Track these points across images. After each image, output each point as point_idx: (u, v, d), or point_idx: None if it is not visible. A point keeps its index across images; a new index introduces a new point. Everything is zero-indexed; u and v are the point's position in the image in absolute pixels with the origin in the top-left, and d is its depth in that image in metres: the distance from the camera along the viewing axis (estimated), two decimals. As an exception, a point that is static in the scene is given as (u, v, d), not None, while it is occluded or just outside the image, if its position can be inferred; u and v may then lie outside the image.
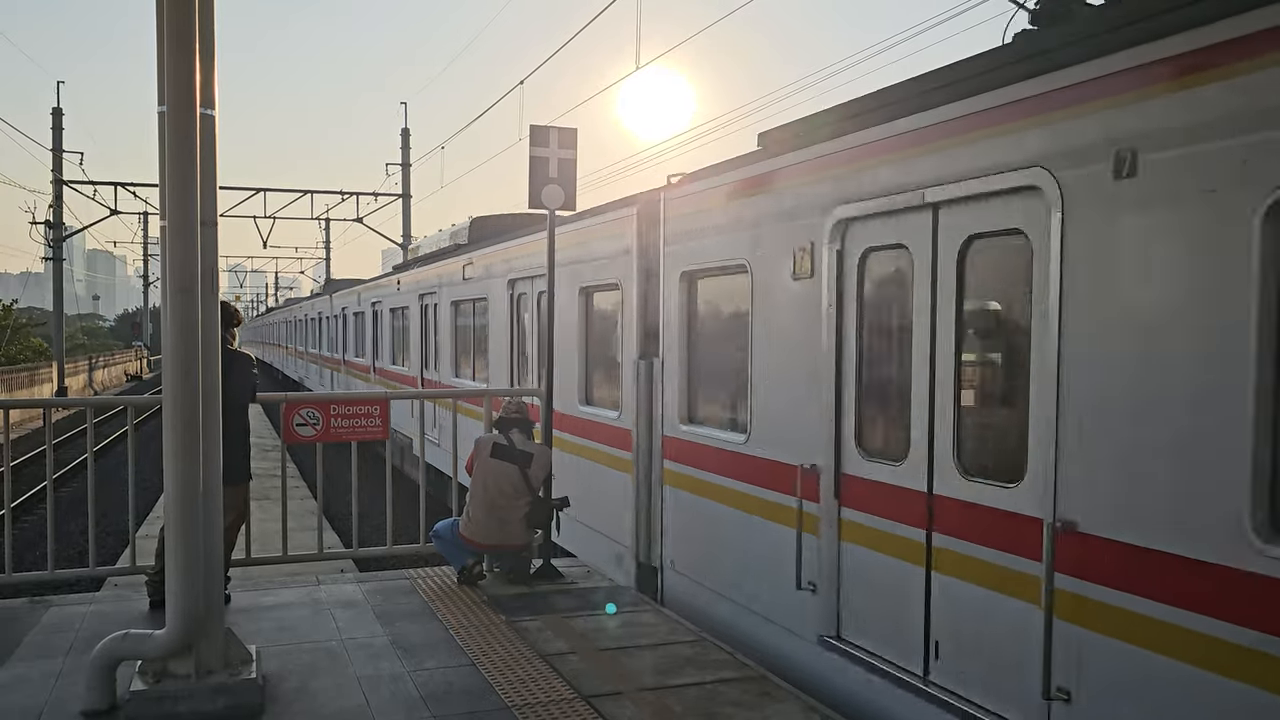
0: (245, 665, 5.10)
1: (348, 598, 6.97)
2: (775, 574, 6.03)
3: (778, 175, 6.12)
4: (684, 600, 7.23)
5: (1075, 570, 4.03)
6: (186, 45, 4.63)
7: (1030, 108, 4.25)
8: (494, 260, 11.92)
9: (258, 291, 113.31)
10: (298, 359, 37.59)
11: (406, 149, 39.41)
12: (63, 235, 37.23)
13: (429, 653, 5.84)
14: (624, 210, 8.25)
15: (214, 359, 4.91)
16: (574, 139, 7.76)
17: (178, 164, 4.67)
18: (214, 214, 4.89)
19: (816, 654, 5.66)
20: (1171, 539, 3.64)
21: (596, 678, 5.46)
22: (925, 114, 4.89)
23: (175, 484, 4.76)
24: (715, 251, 6.87)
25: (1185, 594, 3.59)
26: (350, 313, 23.75)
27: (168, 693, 4.82)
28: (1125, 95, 3.82)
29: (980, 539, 4.60)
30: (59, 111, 37.96)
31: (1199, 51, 3.56)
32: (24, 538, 14.32)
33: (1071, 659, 4.05)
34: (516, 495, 7.31)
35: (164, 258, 4.76)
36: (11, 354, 42.42)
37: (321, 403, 7.68)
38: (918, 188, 4.90)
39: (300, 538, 9.09)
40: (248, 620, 6.24)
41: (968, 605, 4.68)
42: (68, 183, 35.94)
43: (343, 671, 5.52)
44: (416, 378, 16.24)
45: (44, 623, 6.30)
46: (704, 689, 5.32)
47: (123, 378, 59.22)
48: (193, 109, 4.67)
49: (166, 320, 4.74)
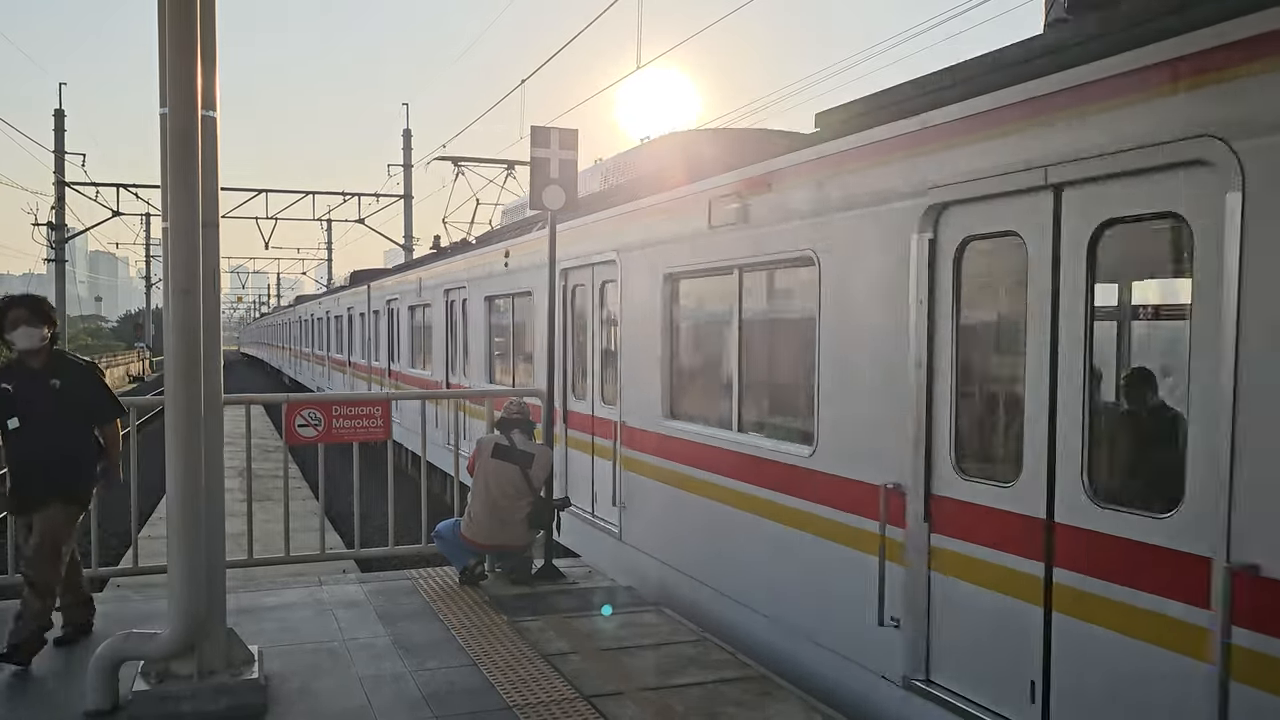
0: (247, 665, 5.11)
1: (350, 598, 6.98)
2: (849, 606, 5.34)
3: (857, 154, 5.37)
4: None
5: (1257, 624, 3.32)
6: (188, 47, 4.64)
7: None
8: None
9: (260, 292, 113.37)
10: (315, 365, 33.40)
11: (408, 149, 39.47)
12: (65, 237, 37.32)
13: (431, 653, 5.84)
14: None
15: (216, 360, 4.93)
16: (575, 140, 7.76)
17: (179, 166, 4.68)
18: (216, 215, 4.90)
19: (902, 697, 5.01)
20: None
21: (598, 678, 5.46)
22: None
23: (177, 485, 4.77)
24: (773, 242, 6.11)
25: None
26: (403, 307, 17.64)
27: (170, 693, 4.83)
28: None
29: (1121, 578, 3.87)
30: (61, 113, 38.06)
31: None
32: (27, 539, 14.31)
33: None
34: (518, 496, 7.32)
35: (166, 259, 4.77)
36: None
37: (323, 403, 7.69)
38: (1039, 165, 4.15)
39: (302, 538, 9.09)
40: (250, 621, 6.25)
41: (1101, 653, 3.97)
42: (70, 184, 36.02)
43: (345, 672, 5.53)
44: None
45: (47, 623, 6.31)
46: (705, 689, 5.33)
47: (125, 379, 59.27)
48: (194, 111, 4.67)
49: (168, 321, 4.75)
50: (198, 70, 4.68)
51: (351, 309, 24.45)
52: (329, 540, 8.75)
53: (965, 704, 4.60)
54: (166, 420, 4.76)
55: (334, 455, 7.98)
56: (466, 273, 13.50)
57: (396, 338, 18.54)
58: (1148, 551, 3.75)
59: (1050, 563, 4.20)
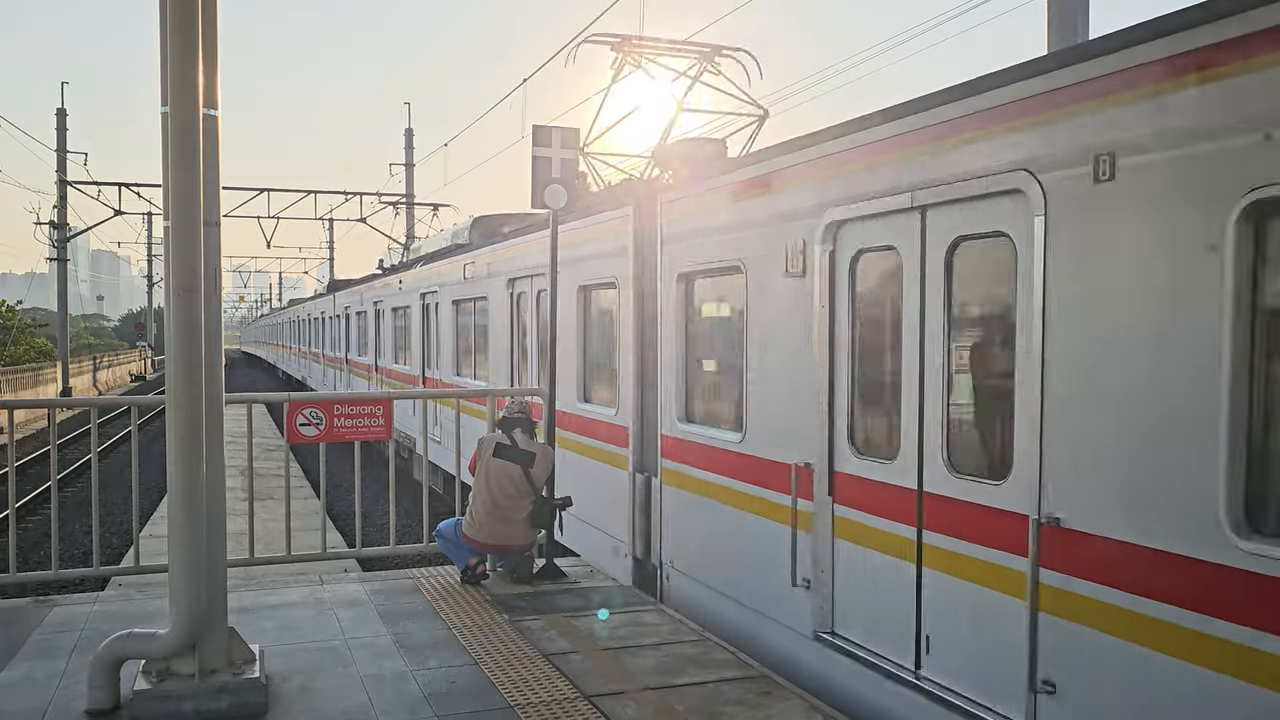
0: (249, 665, 5.11)
1: (351, 597, 6.98)
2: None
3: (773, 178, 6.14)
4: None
5: (1061, 565, 4.09)
6: (190, 46, 4.64)
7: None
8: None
9: (261, 291, 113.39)
10: (297, 358, 35.95)
11: (410, 149, 39.45)
12: (67, 236, 37.31)
13: (432, 652, 5.84)
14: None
15: (217, 359, 4.92)
16: (576, 139, 7.76)
17: (181, 165, 4.67)
18: (217, 214, 4.90)
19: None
20: (1151, 535, 3.71)
21: (599, 677, 5.46)
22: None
23: (179, 483, 4.77)
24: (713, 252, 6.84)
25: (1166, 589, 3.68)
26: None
27: (171, 692, 4.83)
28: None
29: (970, 535, 4.62)
30: (63, 111, 38.03)
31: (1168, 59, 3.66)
32: (28, 537, 14.34)
33: (1056, 652, 4.10)
34: (519, 495, 7.32)
35: (167, 258, 4.77)
36: (16, 354, 42.50)
37: (325, 403, 7.69)
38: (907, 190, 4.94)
39: (304, 537, 9.11)
40: (251, 620, 6.25)
41: (957, 599, 4.70)
42: (72, 183, 36.00)
43: (346, 671, 5.53)
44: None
45: (48, 622, 6.32)
46: (706, 688, 5.33)
47: (127, 378, 59.30)
48: (196, 110, 4.67)
49: (170, 321, 4.75)
50: (199, 69, 4.68)
51: (324, 312, 29.03)
52: (330, 539, 8.75)
53: (864, 652, 5.33)
54: (168, 419, 4.75)
55: (335, 454, 7.97)
56: (423, 281, 15.87)
57: (363, 337, 22.14)
58: (989, 512, 4.50)
59: (921, 526, 4.97)
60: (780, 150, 6.12)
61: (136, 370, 63.00)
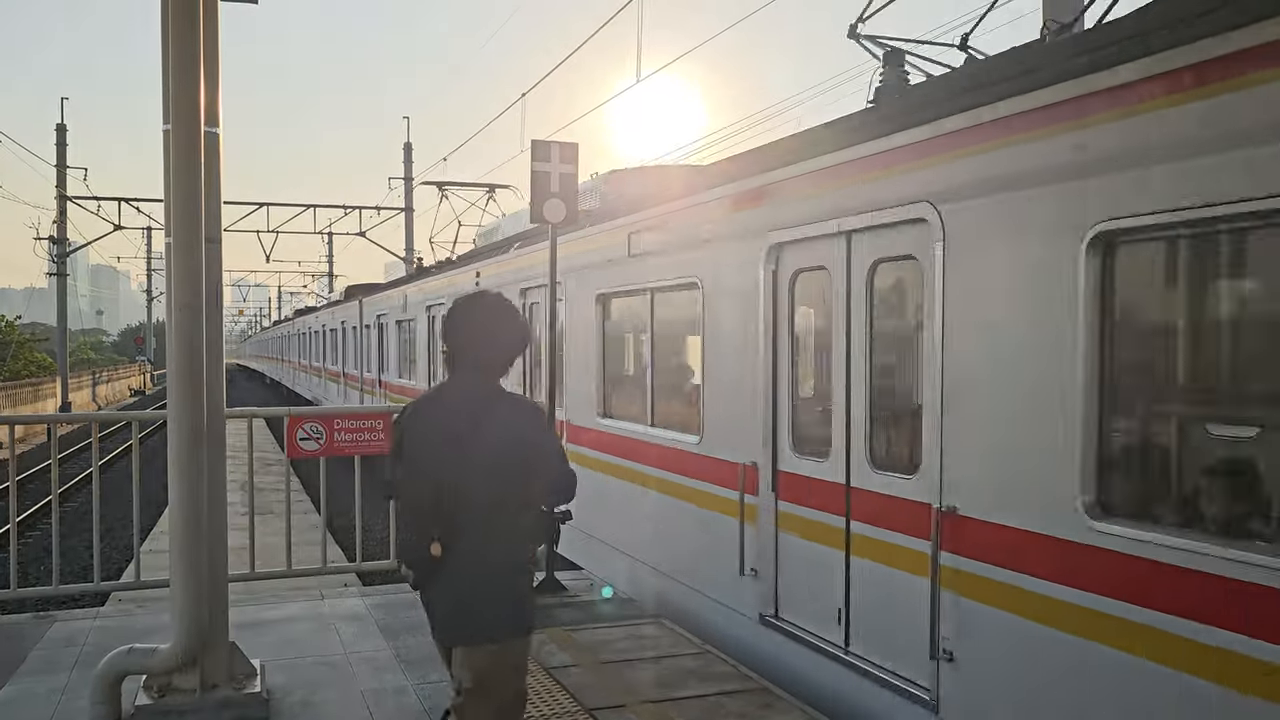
0: (250, 679, 5.12)
1: (352, 611, 6.98)
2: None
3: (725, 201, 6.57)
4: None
5: (956, 548, 4.56)
6: (191, 64, 4.68)
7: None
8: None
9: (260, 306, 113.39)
10: (291, 369, 35.31)
11: (409, 163, 39.50)
12: (66, 251, 37.35)
13: (433, 666, 5.83)
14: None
15: (218, 374, 4.95)
16: (575, 154, 7.78)
17: (182, 182, 4.71)
18: (218, 231, 4.93)
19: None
20: (1024, 518, 4.22)
21: (600, 691, 5.47)
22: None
23: (180, 498, 4.79)
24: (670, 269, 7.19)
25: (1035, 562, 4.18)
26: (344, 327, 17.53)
27: (173, 707, 4.83)
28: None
29: (887, 524, 5.10)
30: (63, 127, 38.10)
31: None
32: (29, 553, 14.32)
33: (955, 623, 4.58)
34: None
35: (168, 274, 4.80)
36: (15, 369, 42.52)
37: (325, 417, 7.70)
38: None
39: (304, 552, 9.09)
40: (252, 634, 6.25)
41: (876, 582, 5.20)
42: (71, 198, 36.03)
43: (347, 685, 5.53)
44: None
45: (49, 637, 6.32)
46: (707, 701, 5.33)
47: (126, 392, 59.31)
48: (197, 127, 4.71)
49: (171, 336, 4.78)
50: (200, 87, 4.72)
51: (309, 326, 30.30)
52: (331, 553, 8.74)
53: (803, 633, 5.76)
54: (169, 434, 4.77)
55: (335, 468, 7.98)
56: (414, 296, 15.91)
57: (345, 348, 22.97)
58: (903, 503, 4.98)
59: (849, 517, 5.43)
60: (721, 178, 6.64)
61: (136, 385, 63.02)
